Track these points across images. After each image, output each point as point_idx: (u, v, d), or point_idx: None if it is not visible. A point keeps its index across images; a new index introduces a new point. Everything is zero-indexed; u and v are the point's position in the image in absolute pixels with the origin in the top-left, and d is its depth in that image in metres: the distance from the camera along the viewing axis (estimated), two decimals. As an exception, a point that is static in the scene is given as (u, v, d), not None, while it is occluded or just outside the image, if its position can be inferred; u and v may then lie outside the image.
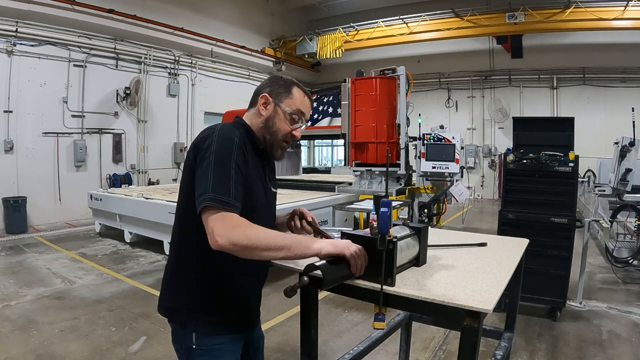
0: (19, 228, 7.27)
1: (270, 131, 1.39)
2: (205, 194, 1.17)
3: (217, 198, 1.16)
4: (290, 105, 1.39)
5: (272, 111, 1.39)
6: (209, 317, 1.34)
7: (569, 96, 11.86)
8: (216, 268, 1.32)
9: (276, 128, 1.39)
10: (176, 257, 1.39)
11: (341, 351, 2.64)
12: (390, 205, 1.18)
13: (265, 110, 1.40)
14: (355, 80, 6.81)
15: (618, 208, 5.00)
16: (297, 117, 1.41)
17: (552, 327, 3.49)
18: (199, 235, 1.24)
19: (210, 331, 1.34)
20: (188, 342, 1.34)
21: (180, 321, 1.35)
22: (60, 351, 3.04)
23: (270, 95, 1.40)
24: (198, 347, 1.33)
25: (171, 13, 10.08)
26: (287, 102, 1.40)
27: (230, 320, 1.37)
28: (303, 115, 1.42)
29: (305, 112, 1.43)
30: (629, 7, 8.99)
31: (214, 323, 1.34)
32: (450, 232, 2.14)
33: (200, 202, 1.17)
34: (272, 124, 1.39)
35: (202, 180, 1.20)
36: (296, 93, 1.41)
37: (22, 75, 7.72)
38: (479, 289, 1.21)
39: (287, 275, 4.48)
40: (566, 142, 3.72)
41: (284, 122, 1.39)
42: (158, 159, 10.30)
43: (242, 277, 1.38)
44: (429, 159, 6.50)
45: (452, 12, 10.72)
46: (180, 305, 1.35)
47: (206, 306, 1.34)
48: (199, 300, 1.33)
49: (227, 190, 1.18)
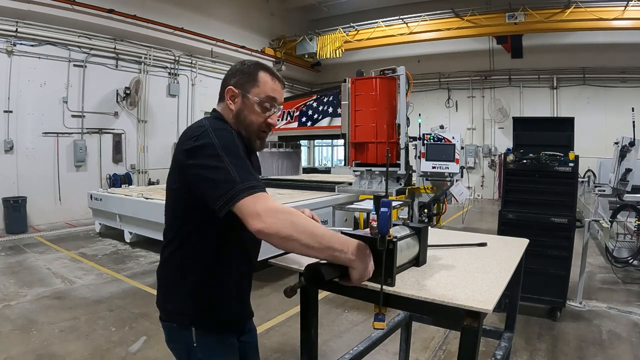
0: (19, 228, 7.27)
1: (243, 125, 1.32)
2: (235, 187, 1.10)
3: (248, 185, 1.10)
4: (258, 94, 1.30)
5: (240, 104, 1.32)
6: (209, 315, 1.34)
7: (569, 96, 11.86)
8: (213, 268, 1.32)
9: (249, 120, 1.32)
10: (171, 260, 1.35)
11: (341, 351, 2.64)
12: (390, 205, 1.18)
13: (233, 104, 1.32)
14: (355, 80, 6.81)
15: (618, 208, 5.00)
16: (268, 105, 1.32)
17: (552, 327, 3.49)
18: (194, 236, 1.25)
19: (210, 329, 1.34)
20: (188, 340, 1.33)
21: (182, 322, 1.34)
22: (60, 351, 3.04)
23: (236, 87, 1.32)
24: (199, 344, 1.33)
25: (171, 13, 10.08)
26: (255, 91, 1.31)
27: (228, 316, 1.39)
28: (275, 101, 1.33)
29: (277, 97, 1.34)
30: (629, 7, 8.99)
31: (214, 321, 1.35)
32: (450, 232, 2.14)
33: (232, 197, 1.09)
34: (244, 117, 1.31)
35: (220, 175, 1.12)
36: (263, 78, 1.31)
37: (22, 75, 7.72)
38: (479, 289, 1.21)
39: (287, 275, 4.49)
40: (566, 142, 3.72)
41: (256, 113, 1.31)
42: (158, 159, 10.29)
43: (237, 273, 1.38)
44: (429, 159, 6.50)
45: (452, 12, 10.73)
46: (183, 307, 1.33)
47: (206, 305, 1.33)
48: (199, 300, 1.32)
49: (252, 175, 1.15)
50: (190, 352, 1.34)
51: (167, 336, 1.39)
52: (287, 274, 4.24)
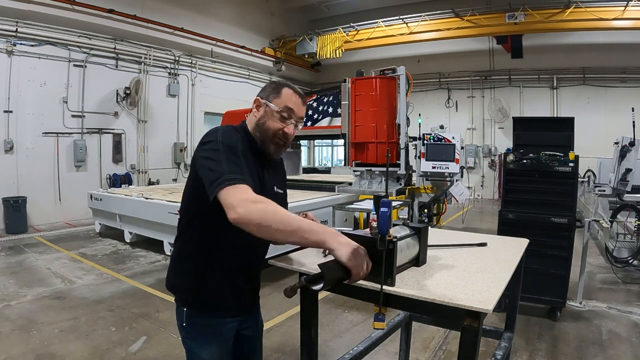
0: (19, 228, 7.27)
1: (260, 129, 1.45)
2: (221, 177, 1.21)
3: (232, 177, 1.21)
4: (278, 104, 1.44)
5: (262, 111, 1.46)
6: (196, 295, 1.44)
7: (569, 96, 11.86)
8: (213, 252, 1.42)
9: (266, 126, 1.44)
10: (180, 239, 1.50)
11: (341, 351, 2.64)
12: (390, 205, 1.18)
13: (257, 112, 1.48)
14: (355, 80, 6.81)
15: (618, 208, 4.99)
16: (286, 115, 1.44)
17: (552, 327, 3.49)
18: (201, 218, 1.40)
19: (199, 310, 1.44)
20: (180, 320, 1.46)
21: (180, 298, 1.48)
22: (60, 351, 3.04)
23: (262, 98, 1.48)
24: (188, 325, 1.44)
25: (171, 13, 10.08)
26: (276, 101, 1.45)
27: (221, 302, 1.45)
28: (293, 112, 1.46)
29: (295, 110, 1.46)
30: (629, 7, 8.99)
31: (201, 302, 1.44)
32: (450, 232, 2.14)
33: (218, 184, 1.20)
34: (263, 122, 1.45)
35: (213, 165, 1.25)
36: (285, 92, 1.46)
37: (22, 75, 7.72)
38: (479, 289, 1.21)
39: (287, 275, 4.49)
40: (566, 142, 3.72)
41: (274, 120, 1.44)
42: (158, 159, 10.30)
43: (232, 262, 1.45)
44: (429, 159, 6.50)
45: (452, 12, 10.72)
46: (182, 284, 1.47)
47: (200, 286, 1.43)
48: (194, 281, 1.44)
49: (241, 170, 1.26)
50: (181, 331, 1.48)
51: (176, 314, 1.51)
52: (287, 274, 4.24)
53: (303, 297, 1.50)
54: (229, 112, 9.50)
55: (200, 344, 1.44)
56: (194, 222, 1.44)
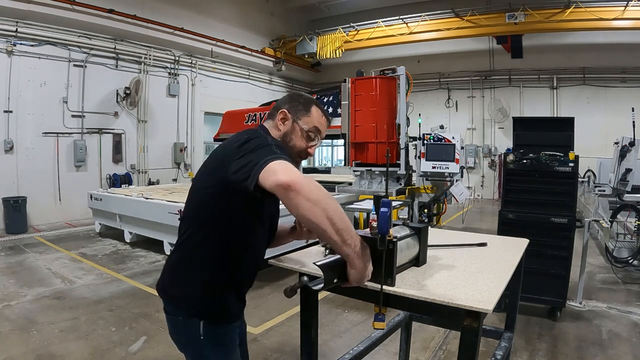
0: (19, 228, 7.27)
1: (286, 146, 1.41)
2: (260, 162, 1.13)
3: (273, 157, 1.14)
4: (307, 123, 1.43)
5: (289, 127, 1.43)
6: (218, 307, 1.36)
7: (569, 96, 11.87)
8: (231, 261, 1.35)
9: (292, 144, 1.43)
10: (189, 249, 1.38)
11: (341, 351, 2.64)
12: (390, 205, 1.18)
13: (283, 126, 1.43)
14: (355, 80, 6.81)
15: (618, 208, 4.99)
16: (313, 135, 1.45)
17: (552, 327, 3.49)
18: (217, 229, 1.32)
19: (218, 321, 1.36)
20: (194, 332, 1.34)
21: (188, 310, 1.35)
22: (60, 351, 3.04)
23: (290, 112, 1.44)
24: (206, 337, 1.34)
25: (171, 13, 10.08)
26: (305, 120, 1.43)
27: (234, 309, 1.42)
28: (319, 134, 1.46)
29: (322, 131, 1.47)
30: (629, 7, 8.99)
31: (222, 313, 1.38)
32: (450, 232, 2.14)
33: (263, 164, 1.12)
34: (289, 139, 1.43)
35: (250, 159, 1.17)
36: (314, 112, 1.45)
37: (22, 75, 7.72)
38: (479, 289, 1.21)
39: (287, 275, 4.49)
40: (566, 142, 3.72)
41: (300, 139, 1.43)
42: (158, 159, 10.30)
43: (251, 267, 1.43)
44: (429, 159, 6.50)
45: (452, 12, 10.73)
46: (194, 294, 1.34)
47: (217, 297, 1.36)
48: (211, 291, 1.35)
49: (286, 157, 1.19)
50: (196, 345, 1.35)
51: (172, 328, 1.41)
52: (287, 274, 4.24)
53: (303, 297, 1.50)
54: (229, 112, 9.51)
55: (223, 354, 1.39)
56: (213, 235, 1.33)
